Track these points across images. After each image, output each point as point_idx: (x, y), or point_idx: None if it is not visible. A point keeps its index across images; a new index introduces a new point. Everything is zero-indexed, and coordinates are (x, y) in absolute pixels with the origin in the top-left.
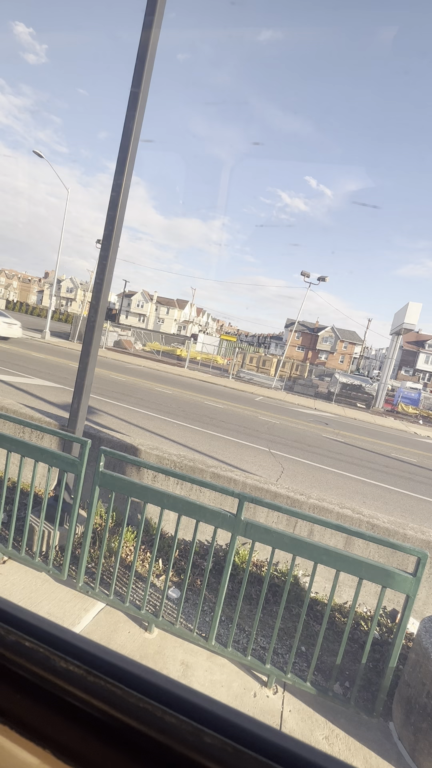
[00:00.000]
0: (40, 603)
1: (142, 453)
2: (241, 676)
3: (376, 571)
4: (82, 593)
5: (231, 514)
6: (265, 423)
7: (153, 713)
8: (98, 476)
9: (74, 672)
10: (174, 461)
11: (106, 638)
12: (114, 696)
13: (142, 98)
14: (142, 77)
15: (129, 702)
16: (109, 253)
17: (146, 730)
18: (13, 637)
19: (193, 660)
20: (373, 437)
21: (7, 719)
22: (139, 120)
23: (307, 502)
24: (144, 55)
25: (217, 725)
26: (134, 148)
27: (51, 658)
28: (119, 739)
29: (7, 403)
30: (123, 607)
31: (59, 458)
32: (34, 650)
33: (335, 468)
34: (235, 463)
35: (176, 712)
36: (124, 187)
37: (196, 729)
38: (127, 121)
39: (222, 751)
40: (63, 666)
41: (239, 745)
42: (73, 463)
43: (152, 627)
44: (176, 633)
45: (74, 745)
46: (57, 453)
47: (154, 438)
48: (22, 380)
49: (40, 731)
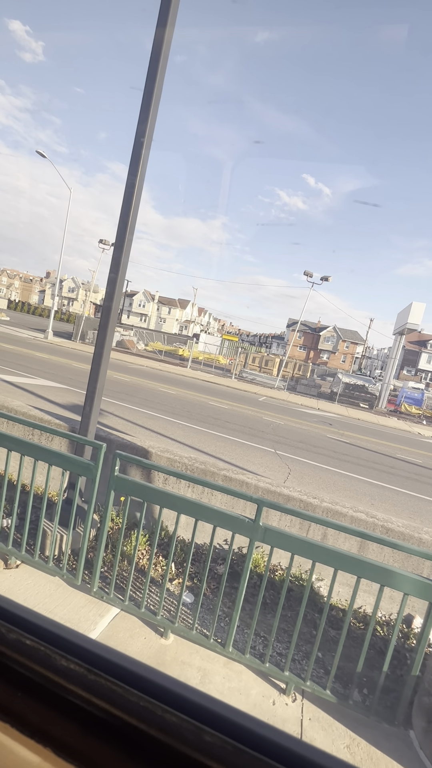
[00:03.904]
0: (55, 608)
1: (153, 456)
2: (259, 683)
3: (400, 579)
4: (96, 598)
5: (249, 520)
6: (270, 424)
7: (153, 711)
8: (113, 480)
9: (75, 670)
10: (185, 464)
11: (123, 644)
12: (114, 694)
13: (155, 98)
14: (155, 77)
15: (129, 700)
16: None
17: (146, 729)
18: (14, 635)
19: (210, 667)
20: (377, 438)
21: (8, 717)
22: (152, 121)
23: (321, 506)
24: (158, 54)
25: (217, 724)
26: (147, 148)
27: (51, 656)
28: (119, 737)
29: (15, 405)
30: (138, 612)
31: (74, 462)
32: (35, 648)
33: (341, 469)
34: (242, 464)
35: (176, 711)
36: (137, 188)
37: (196, 727)
38: (140, 123)
39: (222, 750)
40: (63, 664)
41: (239, 744)
42: (88, 467)
43: (168, 633)
44: (193, 639)
45: (75, 743)
46: (72, 457)
47: (161, 439)
48: (27, 381)
49: (41, 729)
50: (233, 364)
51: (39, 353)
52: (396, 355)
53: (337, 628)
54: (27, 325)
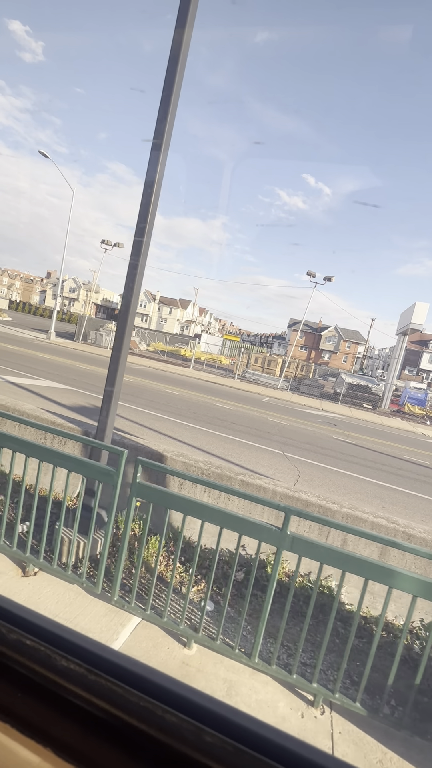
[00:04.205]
0: (76, 618)
1: (168, 460)
2: (286, 695)
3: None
4: (117, 607)
5: (276, 528)
6: (275, 425)
7: (153, 712)
8: (135, 487)
9: (75, 670)
10: (201, 468)
11: (146, 655)
12: (114, 694)
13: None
14: (174, 77)
15: (129, 700)
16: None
17: (147, 729)
18: (14, 636)
19: (236, 678)
20: (382, 438)
21: (8, 717)
22: (170, 121)
23: (340, 511)
24: (177, 54)
25: (217, 724)
26: (165, 150)
27: (52, 656)
28: (120, 737)
29: (27, 408)
30: (161, 622)
31: (94, 468)
32: (35, 648)
33: (349, 471)
34: (252, 467)
35: (177, 711)
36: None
37: (196, 728)
38: (158, 123)
39: (222, 750)
40: (64, 664)
41: (240, 744)
42: (109, 473)
43: (191, 643)
44: (217, 650)
45: (75, 744)
46: (92, 463)
47: (170, 442)
48: (32, 382)
49: (41, 729)
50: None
51: (42, 354)
52: (399, 356)
53: (361, 637)
54: (29, 325)
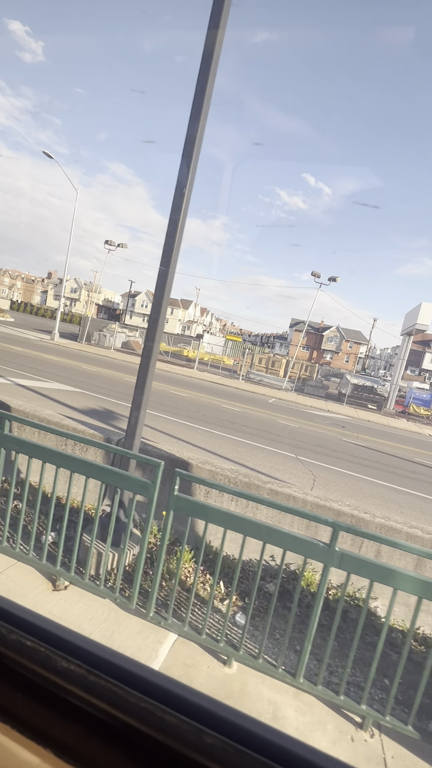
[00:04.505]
0: (112, 635)
1: (194, 468)
2: (333, 716)
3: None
4: (153, 623)
5: (324, 545)
6: (285, 427)
7: (153, 713)
8: (173, 500)
9: (75, 671)
10: (228, 476)
11: (187, 675)
12: (115, 695)
13: (206, 101)
14: (207, 79)
15: (130, 701)
16: (168, 269)
17: (147, 730)
18: (15, 637)
19: (280, 699)
20: (391, 440)
21: (8, 718)
22: (202, 126)
23: (373, 521)
24: (209, 56)
25: (217, 725)
26: (197, 153)
27: (52, 657)
28: (120, 738)
29: (46, 413)
30: (199, 639)
31: (129, 480)
32: (36, 650)
33: (363, 474)
34: (268, 471)
35: (177, 712)
36: (187, 192)
37: (196, 729)
38: (190, 128)
39: (223, 751)
40: (64, 665)
41: (240, 746)
42: (145, 485)
43: (231, 661)
44: (259, 668)
45: (75, 745)
46: (129, 475)
47: (183, 446)
48: (41, 384)
49: (41, 730)
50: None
51: (47, 355)
52: (404, 356)
53: (411, 657)
54: (31, 326)
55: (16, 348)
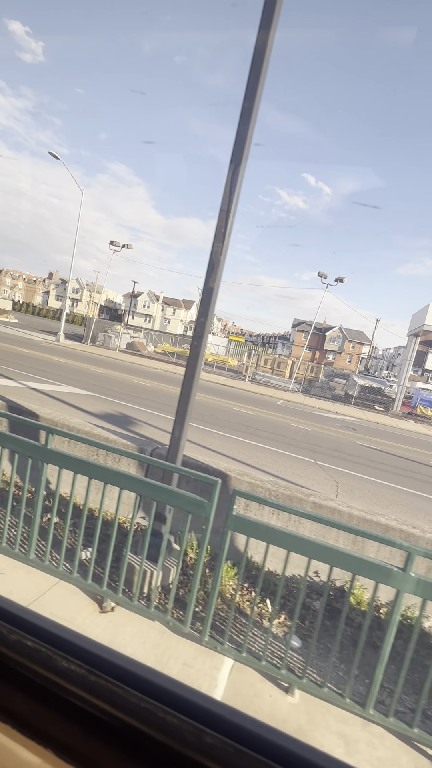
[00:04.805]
0: (168, 661)
1: (233, 479)
2: (407, 750)
3: None
4: (208, 648)
5: (398, 569)
6: (298, 430)
7: (154, 713)
8: (231, 520)
9: (76, 671)
10: (269, 489)
11: (251, 705)
12: (115, 695)
13: (256, 103)
14: (258, 80)
15: (130, 701)
16: (215, 281)
17: (147, 730)
18: (15, 637)
19: (349, 730)
20: (404, 443)
21: (9, 718)
22: (252, 126)
23: (424, 537)
24: (261, 55)
25: (218, 725)
26: (246, 155)
27: (53, 657)
28: (120, 738)
29: (75, 422)
30: (258, 665)
31: (184, 499)
32: (36, 650)
33: (384, 480)
34: (290, 477)
35: (177, 712)
36: (236, 198)
37: (197, 729)
38: (240, 129)
39: (223, 752)
40: (64, 665)
41: (240, 746)
42: (201, 505)
43: (293, 689)
44: (325, 698)
45: (75, 745)
46: (184, 493)
47: (203, 452)
48: (54, 388)
49: (42, 730)
50: (245, 366)
51: (56, 357)
52: (411, 357)
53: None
54: (35, 327)
55: (24, 350)
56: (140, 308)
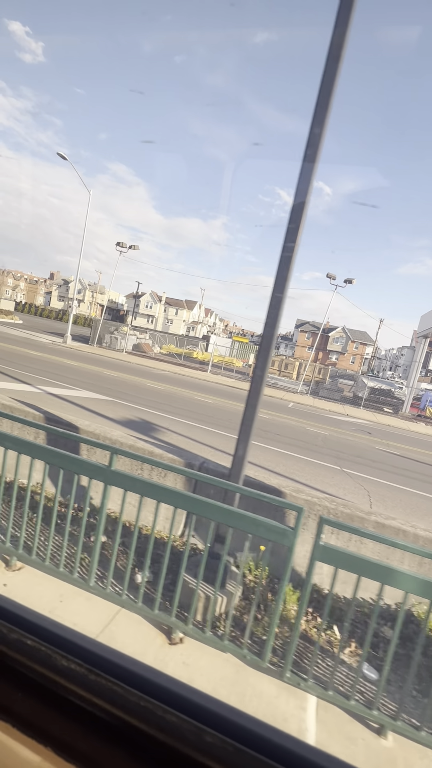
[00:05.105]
0: (250, 700)
1: (288, 496)
2: None
3: None
4: (290, 685)
5: None
6: (317, 435)
7: (154, 712)
8: (317, 550)
9: (75, 670)
10: (327, 507)
11: (347, 750)
12: (115, 694)
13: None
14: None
15: (130, 700)
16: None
17: (147, 729)
18: (15, 636)
19: None
20: (420, 447)
21: (9, 717)
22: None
23: None
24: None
25: (217, 724)
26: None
27: (52, 656)
28: (120, 737)
29: (116, 435)
30: (347, 705)
31: (265, 526)
32: (36, 648)
33: (413, 488)
34: (321, 486)
35: (177, 711)
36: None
37: (196, 728)
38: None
39: (222, 750)
40: (64, 664)
41: (240, 744)
42: (284, 533)
43: (386, 731)
44: (422, 742)
45: (75, 743)
46: (266, 522)
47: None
48: (71, 393)
49: (42, 729)
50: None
51: (66, 360)
52: (421, 359)
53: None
54: (40, 328)
55: (33, 353)
56: (143, 309)
